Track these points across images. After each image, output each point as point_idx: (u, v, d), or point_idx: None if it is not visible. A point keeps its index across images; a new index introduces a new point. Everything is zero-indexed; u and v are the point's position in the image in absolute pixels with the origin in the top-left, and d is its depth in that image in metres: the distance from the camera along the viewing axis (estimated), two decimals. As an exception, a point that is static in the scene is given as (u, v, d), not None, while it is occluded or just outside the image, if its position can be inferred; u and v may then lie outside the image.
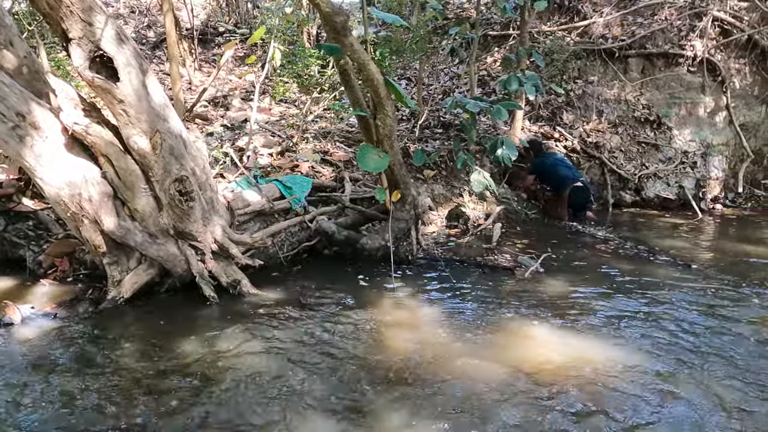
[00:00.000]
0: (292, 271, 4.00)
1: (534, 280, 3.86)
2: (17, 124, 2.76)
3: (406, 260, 4.14)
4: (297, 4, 6.75)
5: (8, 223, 3.91)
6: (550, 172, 5.86)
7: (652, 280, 3.84)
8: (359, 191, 4.84)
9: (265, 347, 2.76)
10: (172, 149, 3.08)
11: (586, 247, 4.81)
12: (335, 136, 5.85)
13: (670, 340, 2.87)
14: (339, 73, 3.75)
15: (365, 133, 3.83)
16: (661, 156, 6.76)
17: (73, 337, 2.86)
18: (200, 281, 3.34)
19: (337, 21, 3.11)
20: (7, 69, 2.87)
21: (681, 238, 5.27)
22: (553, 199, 5.99)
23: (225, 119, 6.01)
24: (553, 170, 5.84)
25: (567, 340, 2.88)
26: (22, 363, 2.57)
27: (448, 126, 6.53)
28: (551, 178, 5.89)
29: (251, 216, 4.02)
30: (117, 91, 2.81)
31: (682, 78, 6.87)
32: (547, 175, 5.91)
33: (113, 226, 3.08)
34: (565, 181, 5.74)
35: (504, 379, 2.44)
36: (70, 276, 3.67)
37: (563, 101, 7.03)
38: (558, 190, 5.84)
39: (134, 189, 3.09)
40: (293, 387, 2.39)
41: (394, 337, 2.91)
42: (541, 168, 5.94)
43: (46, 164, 2.86)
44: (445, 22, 7.84)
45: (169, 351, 2.72)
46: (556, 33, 7.34)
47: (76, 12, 2.65)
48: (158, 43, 7.96)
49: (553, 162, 5.93)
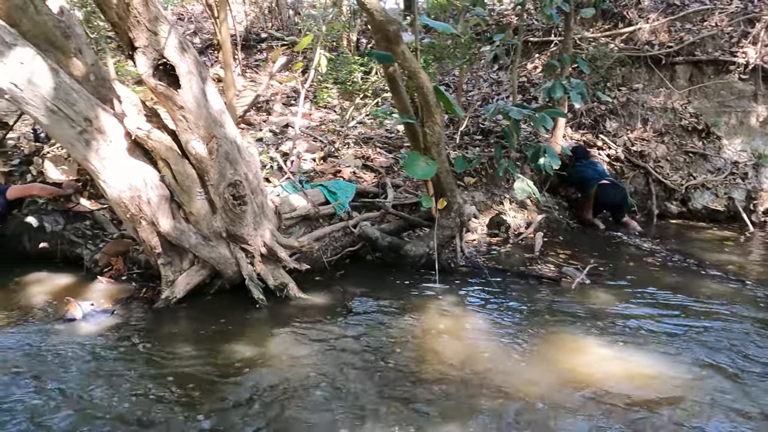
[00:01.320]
0: (336, 276, 4.04)
1: (580, 291, 3.80)
2: (84, 128, 2.88)
3: (448, 268, 4.13)
4: (339, 11, 6.85)
5: (67, 222, 4.08)
6: (576, 175, 5.80)
7: (704, 295, 3.72)
8: (401, 197, 4.86)
9: (313, 351, 2.80)
10: (228, 154, 3.16)
11: (632, 258, 4.70)
12: (375, 142, 5.89)
13: (728, 357, 2.77)
14: (387, 80, 3.78)
15: (412, 141, 3.85)
16: (710, 166, 6.54)
17: (131, 333, 2.97)
18: (250, 284, 3.41)
19: (390, 30, 3.15)
20: (76, 76, 3.00)
21: (731, 252, 5.08)
22: (580, 201, 5.90)
23: (267, 124, 6.13)
24: (578, 172, 5.79)
25: (621, 354, 2.82)
26: (87, 357, 2.67)
27: (487, 133, 6.49)
28: (577, 180, 5.83)
29: (297, 220, 4.09)
30: (178, 98, 2.91)
31: (733, 86, 6.63)
32: (574, 178, 5.85)
33: (169, 228, 3.18)
34: (589, 181, 5.65)
35: (559, 395, 2.41)
36: (124, 275, 3.81)
37: (606, 109, 6.89)
38: (584, 192, 5.75)
39: (190, 192, 3.19)
40: (343, 393, 2.41)
41: (442, 346, 2.90)
42: (576, 170, 5.86)
43: (109, 167, 2.98)
44: (486, 28, 7.81)
45: (222, 351, 2.78)
46: (599, 39, 7.21)
47: (143, 22, 2.76)
48: (204, 49, 8.19)
49: (584, 165, 5.88)
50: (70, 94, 2.83)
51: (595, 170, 5.82)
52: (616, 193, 5.64)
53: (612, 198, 5.64)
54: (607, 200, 5.64)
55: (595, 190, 5.61)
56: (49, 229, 4.00)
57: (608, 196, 5.61)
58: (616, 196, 5.65)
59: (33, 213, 4.03)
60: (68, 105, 2.81)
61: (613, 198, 5.64)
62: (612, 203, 5.69)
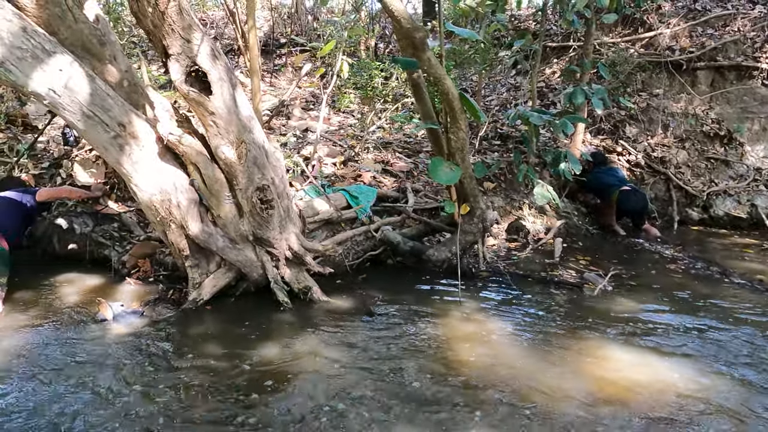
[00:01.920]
0: (357, 280, 4.07)
1: (603, 297, 3.79)
2: (118, 133, 2.95)
3: (470, 273, 4.14)
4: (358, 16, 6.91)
5: (96, 224, 4.18)
6: (596, 181, 5.77)
7: (728, 303, 3.69)
8: (421, 202, 4.89)
9: (338, 354, 2.83)
10: (256, 159, 3.22)
11: (654, 265, 4.67)
12: (395, 147, 5.93)
13: (754, 368, 2.75)
14: (411, 86, 3.82)
15: (435, 146, 3.88)
16: (732, 172, 6.48)
17: (160, 334, 3.03)
18: (275, 287, 3.45)
19: (417, 37, 3.18)
20: (110, 82, 3.08)
21: (755, 260, 5.02)
22: (601, 208, 5.87)
23: (287, 128, 6.21)
24: (598, 178, 5.76)
25: (645, 361, 2.81)
26: (120, 358, 2.74)
27: (506, 138, 6.49)
28: (597, 187, 5.79)
29: (320, 224, 4.13)
30: (209, 104, 2.97)
31: (756, 92, 6.57)
32: (593, 184, 5.81)
33: (198, 231, 3.24)
34: (610, 187, 5.62)
35: (585, 403, 2.41)
36: (151, 276, 3.88)
37: (626, 114, 6.86)
38: (605, 198, 5.72)
39: (219, 196, 3.25)
40: (368, 397, 2.43)
41: (465, 351, 2.92)
42: (595, 176, 5.83)
43: (141, 171, 3.05)
44: (504, 34, 7.82)
45: (250, 352, 2.83)
46: (619, 44, 7.19)
47: (177, 30, 2.82)
48: (225, 54, 8.29)
49: (605, 170, 5.85)
50: (105, 99, 2.90)
51: (615, 176, 5.80)
52: (637, 200, 5.61)
53: (633, 204, 5.61)
54: (629, 207, 5.61)
55: (617, 197, 5.59)
56: (78, 230, 4.10)
57: (630, 203, 5.58)
58: (637, 203, 5.62)
59: (63, 215, 4.13)
60: (103, 110, 2.89)
61: (634, 204, 5.61)
62: (633, 210, 5.66)
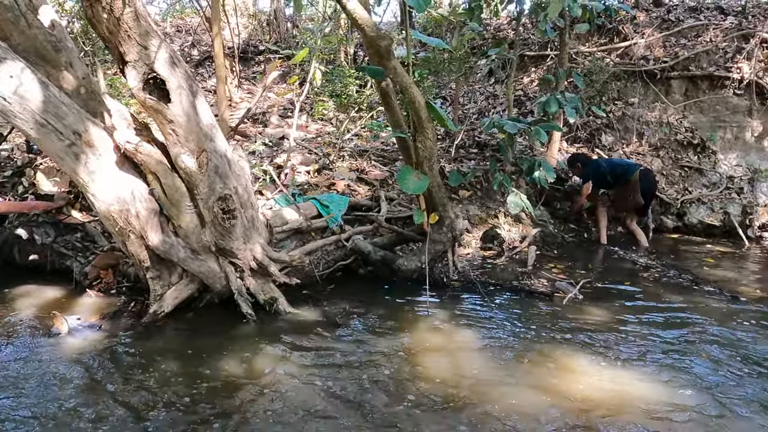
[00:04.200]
0: (327, 290, 4.01)
1: (573, 306, 3.77)
2: (74, 142, 2.87)
3: (441, 282, 4.11)
4: (336, 24, 6.89)
5: (57, 234, 4.07)
6: (610, 169, 5.56)
7: (697, 312, 3.69)
8: (395, 210, 4.84)
9: (299, 368, 2.77)
10: (217, 168, 3.15)
11: (626, 273, 4.67)
12: (371, 155, 5.89)
13: (720, 377, 2.74)
14: (380, 95, 3.79)
15: (404, 155, 3.85)
16: (705, 181, 6.54)
17: (117, 349, 2.93)
18: (238, 298, 3.38)
19: (382, 45, 3.15)
20: (66, 89, 3.00)
21: (727, 268, 5.06)
22: (621, 192, 5.56)
23: (263, 136, 6.14)
24: (611, 165, 5.61)
25: (609, 372, 2.78)
26: (69, 374, 2.64)
27: (483, 146, 6.50)
28: (613, 174, 5.53)
29: (288, 234, 4.07)
30: (168, 112, 2.90)
31: (728, 101, 6.66)
32: (607, 173, 5.56)
33: (158, 242, 3.16)
34: (629, 167, 5.49)
35: (547, 416, 2.37)
36: (113, 288, 3.78)
37: (602, 123, 6.91)
38: (625, 180, 5.45)
39: (180, 206, 3.17)
40: (326, 411, 2.37)
41: (430, 363, 2.87)
42: (596, 170, 5.61)
43: (98, 181, 2.97)
44: (482, 42, 7.86)
45: (209, 367, 2.75)
46: (595, 54, 7.25)
47: (133, 36, 2.76)
48: (202, 61, 8.23)
49: (607, 161, 5.78)
50: (60, 107, 2.82)
51: (619, 161, 5.73)
52: (651, 179, 5.55)
53: (652, 183, 5.54)
54: (649, 185, 5.46)
55: (637, 176, 5.39)
56: (39, 241, 3.98)
57: (649, 181, 5.46)
58: (654, 181, 5.58)
59: (23, 224, 4.02)
60: (57, 118, 2.80)
61: (653, 183, 5.55)
62: (651, 190, 5.54)
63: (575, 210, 6.03)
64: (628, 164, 5.62)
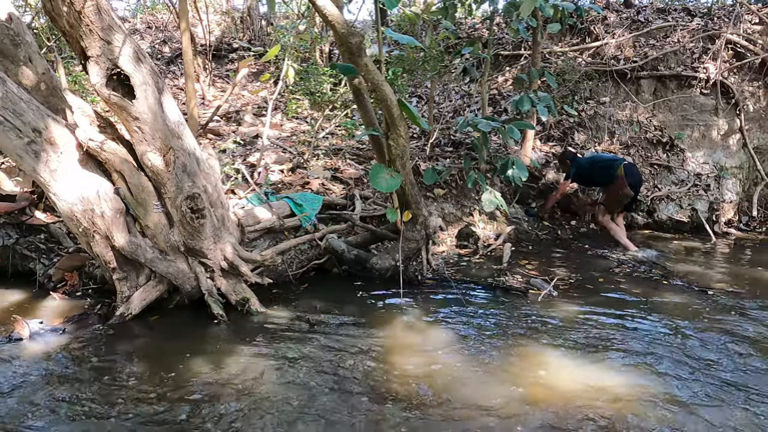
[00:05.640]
0: (301, 290, 3.97)
1: (547, 303, 3.80)
2: (33, 139, 2.78)
3: (416, 280, 4.10)
4: (310, 22, 6.84)
5: (20, 235, 3.93)
6: (594, 165, 5.55)
7: (667, 306, 3.77)
8: (369, 209, 4.83)
9: (270, 369, 2.72)
10: (185, 167, 3.09)
11: (599, 269, 4.75)
12: (346, 153, 5.86)
13: (690, 368, 2.79)
14: (352, 92, 3.76)
15: (377, 153, 3.83)
16: (674, 178, 6.70)
17: (81, 353, 2.84)
18: (209, 299, 3.31)
19: (352, 42, 3.13)
20: (25, 85, 2.90)
21: (695, 262, 5.19)
22: (611, 192, 5.52)
23: (237, 134, 6.05)
24: (594, 161, 5.59)
25: (582, 367, 2.81)
26: (30, 380, 2.54)
27: (458, 144, 6.53)
28: (598, 169, 5.52)
29: (261, 233, 4.01)
30: (132, 109, 2.83)
31: (695, 100, 6.84)
32: (591, 169, 5.55)
33: (124, 242, 3.07)
34: (613, 162, 5.43)
35: (518, 411, 2.38)
36: (79, 290, 3.67)
37: (575, 121, 7.01)
38: (611, 176, 5.42)
39: (146, 206, 3.10)
40: (297, 412, 2.34)
41: (402, 361, 2.85)
42: (578, 168, 5.57)
43: (60, 180, 2.88)
44: (457, 41, 7.89)
45: (175, 370, 2.68)
46: (567, 54, 7.36)
47: (95, 31, 2.68)
48: (173, 58, 8.07)
49: (589, 158, 5.73)
50: (18, 103, 2.72)
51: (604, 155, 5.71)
52: (638, 172, 5.54)
53: (637, 176, 5.49)
54: (635, 179, 5.43)
55: (622, 170, 5.34)
56: (0, 243, 3.84)
57: (634, 175, 5.44)
58: (639, 175, 5.53)
59: (-17, 226, 3.87)
60: (15, 115, 2.71)
61: (638, 176, 5.49)
62: (637, 182, 5.48)
63: (546, 208, 6.10)
64: (611, 159, 5.56)
